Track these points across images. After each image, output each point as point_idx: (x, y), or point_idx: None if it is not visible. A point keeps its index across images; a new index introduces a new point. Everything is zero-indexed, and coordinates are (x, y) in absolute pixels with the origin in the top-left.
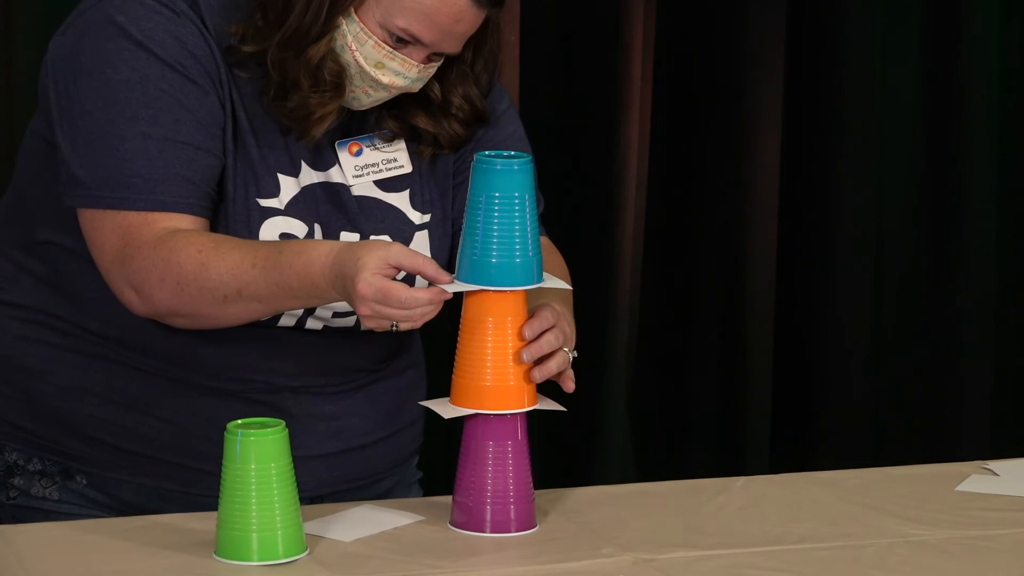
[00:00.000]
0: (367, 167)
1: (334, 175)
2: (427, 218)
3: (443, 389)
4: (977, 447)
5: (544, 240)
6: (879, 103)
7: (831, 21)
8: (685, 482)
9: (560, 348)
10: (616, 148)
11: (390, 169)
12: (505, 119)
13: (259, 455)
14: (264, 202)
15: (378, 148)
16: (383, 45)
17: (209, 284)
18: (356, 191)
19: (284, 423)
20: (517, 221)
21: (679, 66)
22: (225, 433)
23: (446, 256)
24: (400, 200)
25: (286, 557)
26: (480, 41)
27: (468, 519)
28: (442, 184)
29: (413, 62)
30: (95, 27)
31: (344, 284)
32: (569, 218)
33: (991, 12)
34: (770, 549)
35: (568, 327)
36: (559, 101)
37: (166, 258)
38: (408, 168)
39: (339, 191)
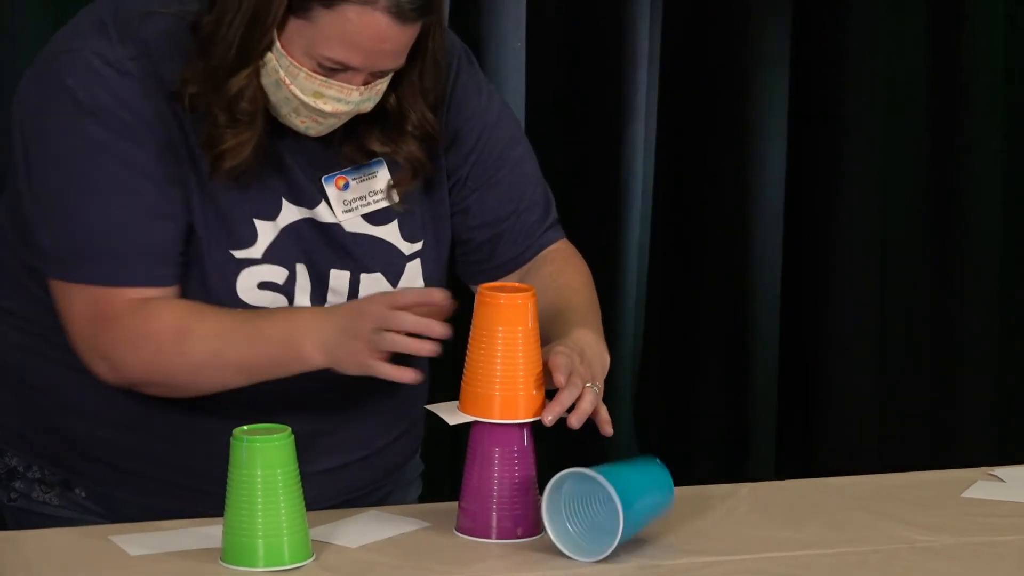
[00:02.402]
0: (355, 200)
1: (322, 213)
2: (418, 246)
3: (443, 387)
4: (983, 453)
5: (563, 245)
6: (884, 107)
7: (836, 28)
8: (691, 488)
9: (587, 389)
10: (621, 155)
11: (378, 201)
12: (501, 124)
13: (265, 461)
14: (239, 253)
15: (364, 180)
16: (315, 75)
17: (187, 348)
18: (347, 227)
19: (290, 429)
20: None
21: (685, 72)
22: (231, 439)
23: (440, 281)
24: (389, 232)
25: (292, 563)
26: (421, 52)
27: (474, 525)
28: (435, 209)
29: (352, 86)
30: (49, 88)
31: (346, 314)
32: (575, 224)
33: (995, 11)
34: (776, 555)
35: (585, 362)
36: (565, 107)
37: (143, 326)
38: (396, 198)
39: (327, 229)
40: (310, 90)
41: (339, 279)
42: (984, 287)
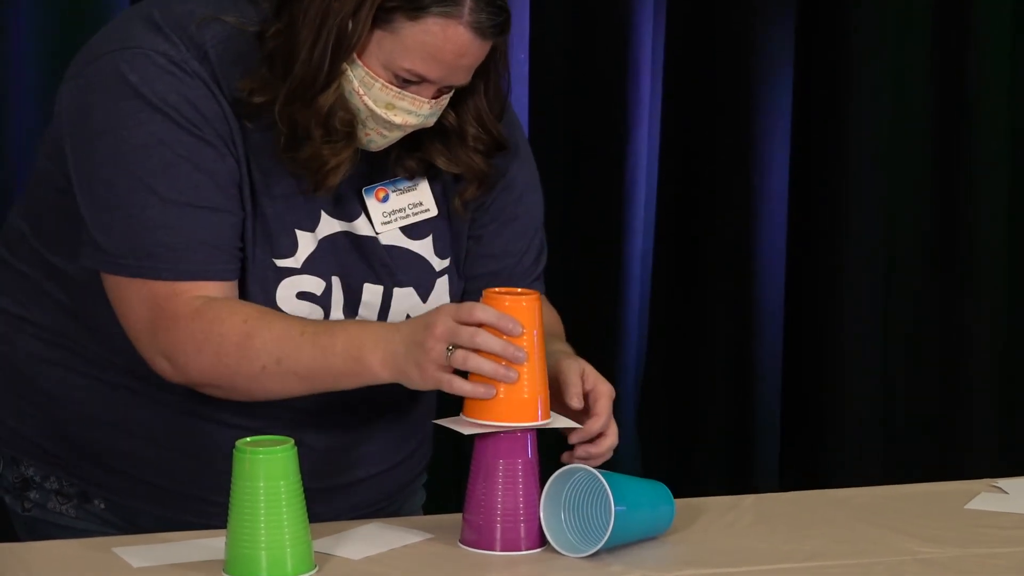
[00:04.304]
0: (394, 213)
1: (360, 226)
2: (447, 263)
3: (452, 402)
4: (987, 461)
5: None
6: (888, 118)
7: (840, 36)
8: (694, 499)
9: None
10: (625, 164)
11: (416, 214)
12: (526, 165)
13: (268, 473)
14: (281, 262)
15: (403, 192)
16: (390, 87)
17: (250, 353)
18: (384, 240)
19: (293, 441)
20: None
21: (688, 83)
22: (234, 450)
23: (458, 301)
24: (424, 247)
25: (295, 575)
26: (488, 68)
27: (478, 537)
28: (457, 227)
29: (423, 99)
30: (107, 83)
31: (413, 327)
32: (579, 234)
33: (1001, 25)
34: (780, 567)
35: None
36: (568, 118)
37: (207, 329)
38: (434, 211)
39: (365, 242)
40: (383, 101)
41: (372, 293)
42: (989, 296)
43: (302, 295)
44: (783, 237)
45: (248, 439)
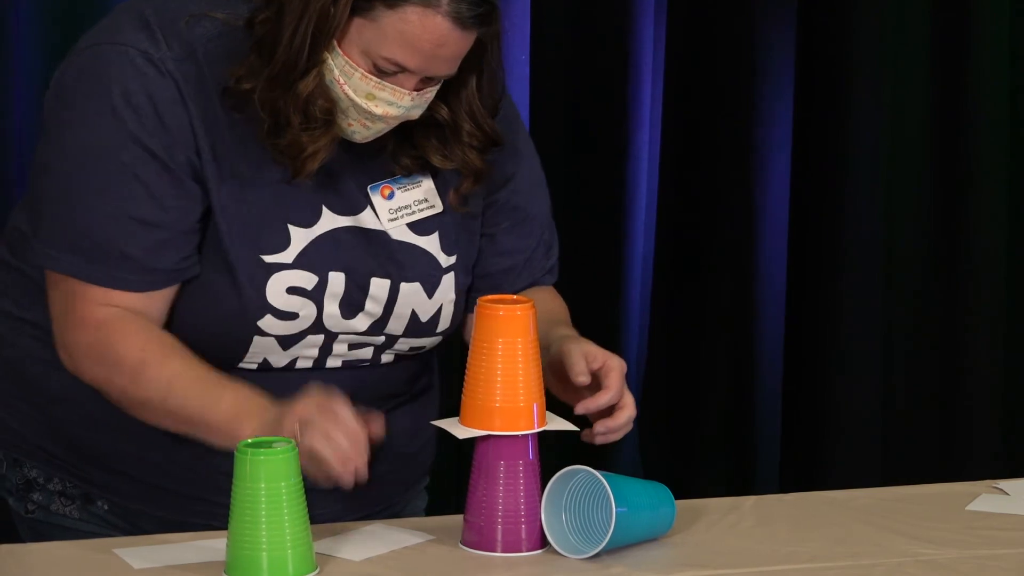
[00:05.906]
0: (401, 209)
1: (367, 220)
2: (453, 259)
3: (453, 405)
4: (988, 466)
5: (553, 289)
6: (888, 118)
7: (840, 41)
8: (694, 501)
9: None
10: (626, 167)
11: (422, 210)
12: (533, 162)
13: (269, 474)
14: (269, 258)
15: (408, 189)
16: (370, 76)
17: (141, 382)
18: (393, 236)
19: (294, 442)
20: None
21: (689, 85)
22: (235, 452)
23: (463, 300)
24: (431, 243)
25: None
26: (477, 62)
27: (479, 538)
28: (469, 225)
29: (404, 90)
30: (83, 75)
31: (278, 408)
32: (579, 234)
33: (1001, 24)
34: (780, 568)
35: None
36: (569, 119)
37: (106, 342)
38: (439, 207)
39: (372, 236)
40: (363, 91)
41: (379, 287)
42: (989, 296)
43: (293, 290)
44: (783, 237)
45: (249, 440)
